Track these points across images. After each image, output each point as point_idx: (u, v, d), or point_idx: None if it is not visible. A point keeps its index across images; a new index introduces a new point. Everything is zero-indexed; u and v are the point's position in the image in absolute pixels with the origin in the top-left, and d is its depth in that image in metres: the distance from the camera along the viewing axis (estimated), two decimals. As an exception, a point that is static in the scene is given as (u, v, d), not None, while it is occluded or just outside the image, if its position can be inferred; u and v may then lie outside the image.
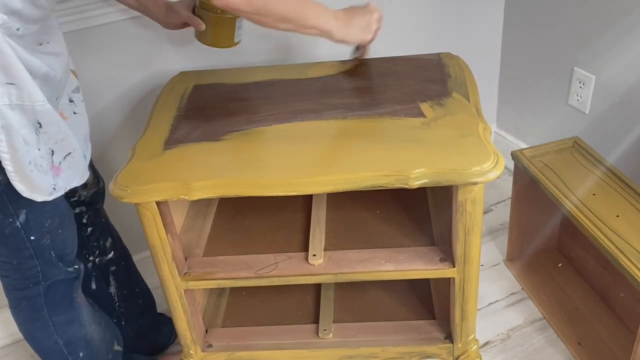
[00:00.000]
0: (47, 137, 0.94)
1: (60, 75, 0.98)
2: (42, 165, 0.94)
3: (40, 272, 1.07)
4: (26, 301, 1.10)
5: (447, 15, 1.77)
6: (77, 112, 1.10)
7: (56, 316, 1.12)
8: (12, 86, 0.87)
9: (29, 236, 1.01)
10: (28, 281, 1.07)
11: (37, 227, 1.01)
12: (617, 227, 1.25)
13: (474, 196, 1.04)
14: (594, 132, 1.64)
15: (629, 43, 1.46)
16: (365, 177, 1.01)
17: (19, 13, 0.87)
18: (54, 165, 0.97)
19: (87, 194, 1.24)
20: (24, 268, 1.06)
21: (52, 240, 1.05)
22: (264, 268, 1.19)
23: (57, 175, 0.98)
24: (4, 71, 0.85)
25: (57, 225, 1.05)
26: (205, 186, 1.03)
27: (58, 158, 0.97)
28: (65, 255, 1.09)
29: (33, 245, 1.03)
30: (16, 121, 0.88)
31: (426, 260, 1.17)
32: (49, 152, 0.95)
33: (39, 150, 0.93)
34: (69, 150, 0.99)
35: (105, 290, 1.35)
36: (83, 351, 1.18)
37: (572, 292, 1.55)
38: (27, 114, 0.90)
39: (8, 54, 0.85)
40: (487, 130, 1.09)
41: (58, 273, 1.09)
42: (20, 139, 0.89)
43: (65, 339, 1.15)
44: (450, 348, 1.28)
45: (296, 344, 1.33)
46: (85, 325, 1.17)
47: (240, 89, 1.32)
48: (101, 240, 1.32)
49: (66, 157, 0.99)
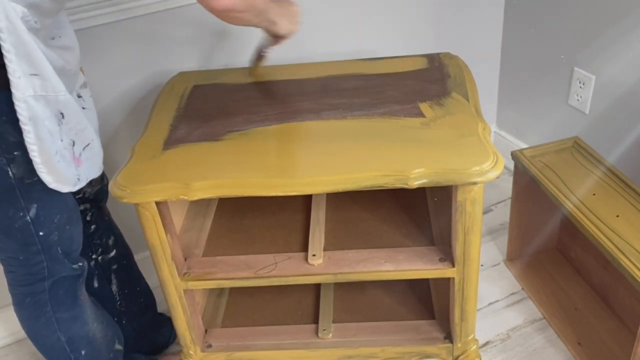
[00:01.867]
0: (69, 128, 0.95)
1: (74, 69, 1.01)
2: (65, 155, 0.96)
3: (46, 268, 1.07)
4: (30, 297, 1.10)
5: (447, 16, 1.77)
6: (86, 107, 1.11)
7: (60, 313, 1.13)
8: (36, 77, 0.88)
9: (37, 231, 1.02)
10: (34, 277, 1.08)
11: (47, 222, 1.02)
12: (617, 227, 1.25)
13: (474, 196, 1.04)
14: (594, 132, 1.64)
15: (629, 43, 1.46)
16: (365, 177, 1.01)
17: (36, 6, 0.88)
18: (75, 157, 0.98)
19: (91, 190, 1.25)
20: (30, 264, 1.06)
21: (60, 237, 1.05)
22: (264, 268, 1.19)
23: (79, 166, 1.00)
24: (28, 62, 0.86)
25: (66, 221, 1.05)
26: (204, 186, 1.03)
27: (78, 149, 0.99)
28: (71, 252, 1.10)
29: (41, 241, 1.03)
30: (41, 112, 0.89)
31: (426, 260, 1.17)
32: (70, 143, 0.97)
33: (61, 141, 0.94)
34: (88, 141, 1.01)
35: (107, 288, 1.36)
36: (85, 349, 1.18)
37: (572, 292, 1.55)
38: (51, 104, 0.91)
39: (31, 45, 0.86)
40: (486, 130, 1.09)
41: (63, 270, 1.10)
42: (45, 129, 0.90)
43: (67, 336, 1.15)
44: (449, 348, 1.28)
45: (296, 344, 1.33)
46: (88, 323, 1.17)
47: (240, 89, 1.32)
48: (104, 238, 1.32)
49: (85, 148, 1.01)
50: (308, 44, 1.61)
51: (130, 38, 1.41)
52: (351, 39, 1.66)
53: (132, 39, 1.41)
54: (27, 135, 0.89)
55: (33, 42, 0.86)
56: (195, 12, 1.45)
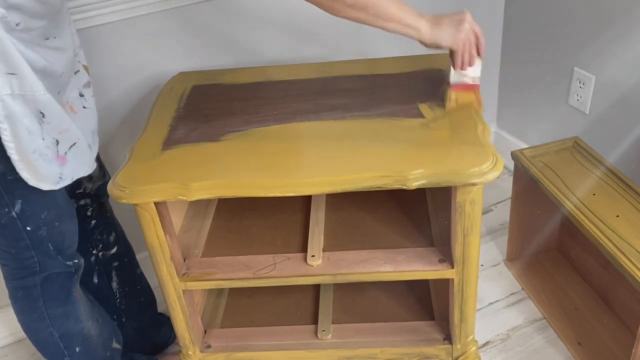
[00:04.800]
0: (51, 127, 0.96)
1: (61, 71, 1.00)
2: (47, 154, 0.96)
3: (38, 263, 1.07)
4: (23, 291, 1.11)
5: (447, 15, 1.77)
6: (87, 106, 1.12)
7: (52, 309, 1.13)
8: (14, 76, 0.88)
9: (25, 226, 1.02)
10: (25, 271, 1.08)
11: (33, 218, 1.02)
12: (617, 227, 1.25)
13: (473, 197, 1.04)
14: (594, 132, 1.63)
15: (629, 43, 1.46)
16: (364, 178, 1.01)
17: (19, 8, 0.88)
18: (60, 155, 0.99)
19: (92, 186, 1.25)
20: (21, 258, 1.07)
21: (50, 233, 1.05)
22: (263, 269, 1.19)
23: (63, 164, 1.00)
24: (4, 61, 0.87)
25: (54, 218, 1.05)
26: (203, 187, 1.03)
27: (63, 148, 0.99)
28: (64, 248, 1.10)
29: (29, 236, 1.03)
30: (19, 110, 0.90)
31: (425, 261, 1.17)
32: (53, 142, 0.97)
33: (43, 139, 0.95)
34: (73, 141, 1.01)
35: (106, 285, 1.36)
36: (80, 346, 1.18)
37: (572, 292, 1.55)
38: (29, 103, 0.91)
39: (7, 45, 0.87)
40: (486, 131, 1.09)
41: (55, 266, 1.10)
42: (23, 128, 0.91)
43: (60, 332, 1.15)
44: (449, 349, 1.28)
45: (295, 344, 1.33)
46: (82, 321, 1.17)
47: (239, 90, 1.32)
48: (105, 234, 1.32)
49: (71, 147, 1.01)
50: (308, 44, 1.61)
51: (129, 38, 1.41)
52: (351, 39, 1.66)
53: (132, 39, 1.41)
54: (4, 133, 0.90)
55: (9, 42, 0.87)
56: (195, 12, 1.45)
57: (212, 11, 1.46)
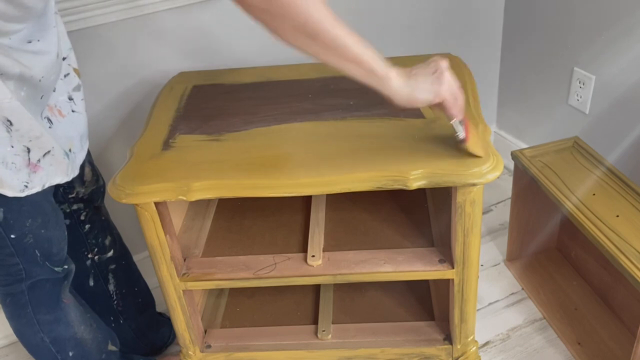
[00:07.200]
0: (20, 134, 0.93)
1: (40, 75, 0.96)
2: (15, 162, 0.94)
3: (23, 270, 1.06)
4: (10, 297, 1.10)
5: (447, 16, 1.77)
6: (76, 110, 1.10)
7: (41, 315, 1.12)
8: None
9: (8, 234, 1.01)
10: (12, 278, 1.07)
11: (17, 225, 1.01)
12: (617, 227, 1.25)
13: (473, 197, 1.04)
14: (594, 132, 1.63)
15: (629, 43, 1.46)
16: (364, 178, 1.01)
17: None
18: (32, 163, 0.96)
19: (85, 191, 1.24)
20: (6, 264, 1.06)
21: (36, 240, 1.04)
22: (263, 269, 1.19)
23: (35, 172, 0.97)
24: None
25: (40, 225, 1.04)
26: (204, 187, 1.03)
27: (36, 155, 0.97)
28: (52, 255, 1.09)
29: (13, 244, 1.02)
30: None
31: (425, 261, 1.17)
32: (24, 150, 0.95)
33: (12, 147, 0.93)
34: (47, 149, 0.98)
35: (103, 287, 1.35)
36: (73, 350, 1.17)
37: (572, 292, 1.55)
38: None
39: None
40: (486, 131, 1.09)
41: (42, 272, 1.09)
42: None
43: (51, 337, 1.15)
44: (449, 349, 1.28)
45: (295, 344, 1.33)
46: (73, 326, 1.16)
47: (239, 89, 1.32)
48: (100, 238, 1.32)
49: (45, 155, 0.98)
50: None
51: (129, 38, 1.41)
52: (351, 39, 1.65)
53: (132, 39, 1.41)
54: None
55: None
56: (195, 12, 1.44)
57: (212, 11, 1.46)
